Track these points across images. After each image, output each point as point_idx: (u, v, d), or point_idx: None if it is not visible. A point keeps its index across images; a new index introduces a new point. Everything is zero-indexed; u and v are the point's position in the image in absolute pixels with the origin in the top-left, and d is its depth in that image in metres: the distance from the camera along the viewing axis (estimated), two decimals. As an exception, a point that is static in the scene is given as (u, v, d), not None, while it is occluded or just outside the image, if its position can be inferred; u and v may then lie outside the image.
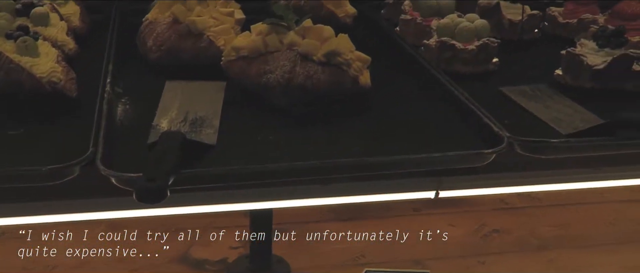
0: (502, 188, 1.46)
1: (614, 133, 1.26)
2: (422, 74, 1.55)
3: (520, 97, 1.45)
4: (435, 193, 1.32)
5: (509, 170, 1.35)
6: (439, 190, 1.32)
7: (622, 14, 1.69)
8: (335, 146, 1.24)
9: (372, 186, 1.29)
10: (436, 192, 1.32)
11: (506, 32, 1.80)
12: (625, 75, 1.48)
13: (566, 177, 1.41)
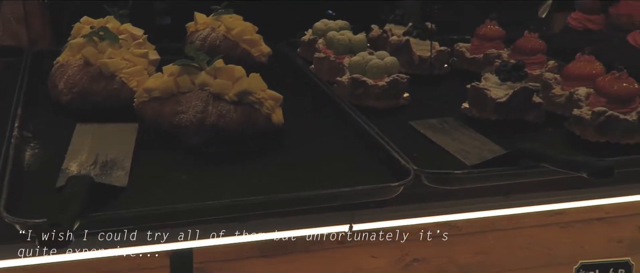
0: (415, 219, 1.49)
1: (517, 162, 1.32)
2: (335, 110, 1.59)
3: (429, 130, 1.51)
4: (349, 226, 1.35)
5: (423, 200, 1.39)
6: (353, 223, 1.34)
7: (522, 49, 1.78)
8: (250, 184, 1.26)
9: (288, 222, 1.31)
10: (350, 226, 1.35)
11: (417, 68, 1.87)
12: (526, 106, 1.56)
13: (480, 205, 1.46)
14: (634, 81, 1.46)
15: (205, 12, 1.87)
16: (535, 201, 1.51)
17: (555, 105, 1.62)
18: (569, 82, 1.61)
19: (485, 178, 1.29)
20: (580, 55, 1.61)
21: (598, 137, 1.45)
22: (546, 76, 1.67)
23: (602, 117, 1.43)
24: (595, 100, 1.48)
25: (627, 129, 1.43)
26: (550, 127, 1.58)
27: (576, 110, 1.50)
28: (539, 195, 1.47)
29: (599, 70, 1.56)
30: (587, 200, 1.55)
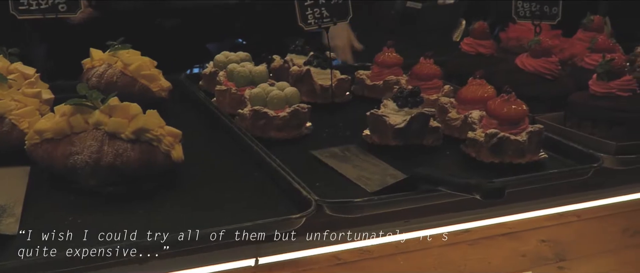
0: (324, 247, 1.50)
1: (416, 187, 1.35)
2: (237, 143, 1.58)
3: (332, 159, 1.52)
4: (255, 260, 1.34)
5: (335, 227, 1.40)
6: (258, 257, 1.33)
7: (419, 74, 1.83)
8: (150, 224, 1.22)
9: (191, 260, 1.28)
10: (256, 259, 1.34)
11: (319, 97, 1.89)
12: (424, 131, 1.60)
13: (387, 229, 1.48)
14: (522, 103, 1.53)
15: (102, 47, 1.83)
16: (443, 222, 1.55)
17: (452, 129, 1.67)
18: (463, 106, 1.66)
19: (386, 205, 1.31)
20: (472, 79, 1.67)
21: (492, 157, 1.51)
22: (442, 101, 1.72)
23: (495, 138, 1.49)
24: (488, 122, 1.54)
25: (518, 149, 1.49)
26: (448, 150, 1.63)
27: (471, 132, 1.55)
28: (439, 218, 1.52)
29: (490, 93, 1.63)
30: (492, 218, 1.61)
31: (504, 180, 1.31)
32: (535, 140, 1.51)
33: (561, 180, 1.46)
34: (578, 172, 1.48)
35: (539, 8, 1.90)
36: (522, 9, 1.90)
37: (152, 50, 1.86)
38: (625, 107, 1.57)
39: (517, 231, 2.56)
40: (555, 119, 1.70)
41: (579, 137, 1.60)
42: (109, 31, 1.88)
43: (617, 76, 1.59)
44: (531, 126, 1.52)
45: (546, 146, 1.60)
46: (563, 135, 1.63)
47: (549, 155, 1.58)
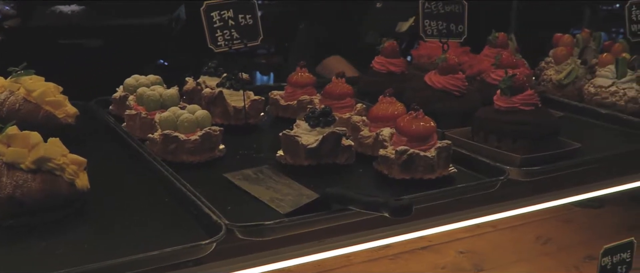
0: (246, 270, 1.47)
1: (328, 207, 1.36)
2: (147, 169, 1.55)
3: (244, 181, 1.51)
4: (167, 289, 1.30)
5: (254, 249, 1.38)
6: (170, 285, 1.30)
7: (332, 94, 1.85)
8: (53, 257, 1.18)
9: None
10: (167, 288, 1.30)
11: (232, 119, 1.87)
12: (336, 150, 1.61)
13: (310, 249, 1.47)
14: (429, 120, 1.57)
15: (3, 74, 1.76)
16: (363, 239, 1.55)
17: (365, 147, 1.69)
18: (375, 124, 1.69)
19: (297, 226, 1.31)
20: (383, 97, 1.70)
21: (403, 174, 1.53)
22: (354, 119, 1.74)
23: (405, 155, 1.51)
24: (398, 139, 1.57)
25: (427, 164, 1.52)
26: (361, 168, 1.65)
27: (382, 150, 1.57)
28: (368, 232, 1.52)
29: (400, 110, 1.66)
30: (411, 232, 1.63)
31: (410, 197, 1.33)
32: (443, 155, 1.54)
33: (469, 194, 1.49)
34: (486, 185, 1.52)
35: (446, 26, 1.96)
36: (429, 27, 1.95)
37: (58, 75, 1.81)
38: (528, 120, 1.63)
39: (436, 244, 2.61)
40: (464, 133, 1.75)
41: (486, 151, 1.65)
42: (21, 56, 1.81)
43: (519, 91, 1.65)
44: (440, 142, 1.56)
45: (456, 160, 1.64)
46: (471, 150, 1.67)
47: (458, 169, 1.62)
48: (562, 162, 1.61)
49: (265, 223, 1.27)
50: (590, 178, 1.75)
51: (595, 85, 2.15)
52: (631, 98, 2.10)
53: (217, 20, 1.73)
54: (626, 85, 2.11)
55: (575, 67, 2.25)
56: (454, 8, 1.97)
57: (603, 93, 2.12)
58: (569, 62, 2.27)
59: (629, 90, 2.11)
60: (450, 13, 1.96)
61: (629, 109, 2.10)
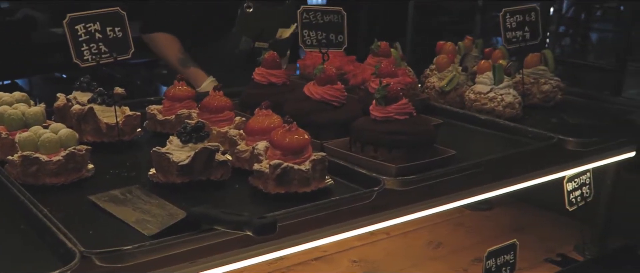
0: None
1: (197, 226, 1.30)
2: (5, 194, 1.45)
3: (110, 203, 1.44)
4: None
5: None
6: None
7: (209, 107, 1.80)
8: None
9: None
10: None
11: (105, 136, 1.79)
12: (210, 166, 1.56)
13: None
14: (304, 132, 1.54)
15: None
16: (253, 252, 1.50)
17: (242, 161, 1.65)
18: (252, 137, 1.65)
19: (160, 249, 1.25)
20: (259, 110, 1.66)
21: (278, 188, 1.50)
22: (231, 133, 1.70)
23: (278, 169, 1.48)
24: (273, 153, 1.54)
25: (302, 178, 1.50)
26: (237, 184, 1.60)
27: (256, 164, 1.53)
28: (253, 247, 1.48)
29: (276, 123, 1.62)
30: (304, 243, 1.59)
31: (275, 214, 1.30)
32: (319, 167, 1.52)
33: (344, 206, 1.47)
34: (361, 196, 1.51)
35: (325, 36, 1.94)
36: (309, 37, 1.93)
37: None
38: (402, 130, 1.63)
39: (330, 254, 2.60)
40: (342, 144, 1.73)
41: (363, 162, 1.64)
42: None
43: (393, 101, 1.65)
44: (315, 154, 1.53)
45: (334, 172, 1.62)
46: (348, 161, 1.66)
47: (337, 181, 1.60)
48: (437, 170, 1.62)
49: (124, 249, 1.20)
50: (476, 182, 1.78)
51: (474, 92, 2.20)
52: (508, 103, 2.16)
53: (83, 33, 1.65)
54: (503, 91, 2.17)
55: (456, 74, 2.30)
56: (333, 18, 1.96)
57: (482, 99, 2.17)
58: (451, 69, 2.32)
59: (506, 95, 2.16)
60: (330, 23, 1.95)
61: (506, 113, 2.15)
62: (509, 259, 2.17)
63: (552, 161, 1.99)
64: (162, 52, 2.78)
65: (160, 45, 2.79)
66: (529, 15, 2.20)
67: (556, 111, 2.33)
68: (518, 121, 2.15)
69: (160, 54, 2.80)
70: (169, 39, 2.77)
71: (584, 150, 1.98)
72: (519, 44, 2.21)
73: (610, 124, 2.28)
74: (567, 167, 2.04)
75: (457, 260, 2.52)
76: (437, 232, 2.77)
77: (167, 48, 2.76)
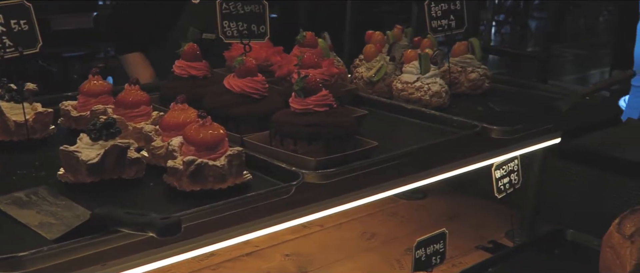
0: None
1: (104, 228, 1.25)
2: None
3: (12, 206, 1.36)
4: None
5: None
6: None
7: (125, 102, 1.73)
8: None
9: None
10: None
11: (15, 134, 1.70)
12: (122, 164, 1.50)
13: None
14: (219, 127, 1.49)
15: None
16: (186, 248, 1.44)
17: (158, 158, 1.59)
18: (167, 133, 1.59)
19: (62, 254, 1.19)
20: (174, 104, 1.61)
21: (193, 186, 1.45)
22: (146, 129, 1.63)
23: (192, 165, 1.43)
24: (187, 149, 1.49)
25: (218, 174, 1.45)
26: (152, 181, 1.55)
27: (170, 161, 1.48)
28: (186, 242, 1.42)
29: (192, 117, 1.57)
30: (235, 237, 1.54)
31: (179, 215, 1.25)
32: (236, 163, 1.48)
33: (259, 203, 1.44)
34: (279, 191, 1.48)
35: (247, 27, 1.90)
36: (229, 28, 1.88)
37: None
38: (322, 122, 1.60)
39: (262, 248, 2.56)
40: (263, 138, 1.69)
41: (283, 155, 1.61)
42: None
43: (313, 92, 1.62)
44: (231, 149, 1.49)
45: (254, 166, 1.58)
46: (268, 154, 1.62)
47: (257, 176, 1.56)
48: (357, 162, 1.60)
49: (20, 255, 1.14)
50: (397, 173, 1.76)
51: (401, 81, 2.19)
52: (435, 92, 2.15)
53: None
54: (430, 80, 2.16)
55: (384, 64, 2.28)
56: (254, 8, 1.91)
57: (409, 89, 2.16)
58: (378, 59, 2.30)
59: (433, 84, 2.16)
60: (251, 13, 1.91)
61: (433, 103, 2.15)
62: (438, 248, 2.17)
63: (477, 149, 1.99)
64: (135, 74, 2.77)
65: (131, 66, 2.88)
66: (453, 4, 2.20)
67: (483, 99, 2.34)
68: (445, 110, 2.15)
69: (134, 74, 2.79)
70: (140, 61, 2.87)
71: (508, 138, 1.99)
72: (445, 32, 2.20)
73: (536, 111, 2.30)
74: (492, 155, 2.05)
75: (391, 251, 2.51)
76: (371, 222, 2.76)
77: (139, 74, 2.79)
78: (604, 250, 2.25)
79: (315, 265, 2.43)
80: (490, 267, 2.35)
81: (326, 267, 2.42)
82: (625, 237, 2.11)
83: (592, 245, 2.42)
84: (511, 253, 2.44)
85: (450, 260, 2.40)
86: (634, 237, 2.09)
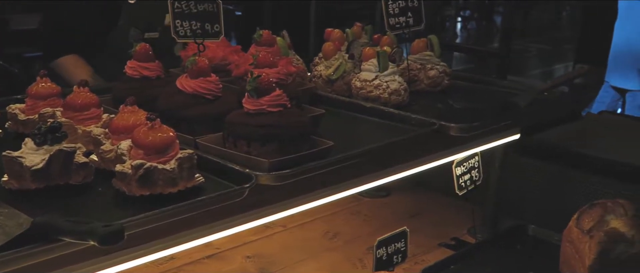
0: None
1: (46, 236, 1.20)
2: None
3: (-49, 216, 1.31)
4: None
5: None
6: None
7: (73, 105, 1.68)
8: None
9: None
10: None
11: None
12: (68, 169, 1.45)
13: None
14: (169, 129, 1.46)
15: None
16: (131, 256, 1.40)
17: (108, 162, 1.55)
18: (117, 136, 1.55)
19: (3, 264, 1.14)
20: (124, 106, 1.57)
21: (142, 190, 1.41)
22: (94, 132, 1.59)
23: (141, 170, 1.39)
24: (136, 153, 1.44)
25: (168, 178, 1.41)
26: (101, 186, 1.50)
27: (119, 165, 1.44)
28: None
29: (142, 120, 1.53)
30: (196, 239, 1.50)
31: (125, 221, 1.21)
32: (186, 166, 1.44)
33: (211, 206, 1.40)
34: (231, 194, 1.44)
35: (200, 26, 1.86)
36: (181, 28, 1.83)
37: None
38: (275, 123, 1.57)
39: (223, 251, 2.52)
40: (216, 140, 1.66)
41: (237, 157, 1.57)
42: None
43: (266, 92, 1.59)
44: (181, 152, 1.45)
45: (207, 169, 1.55)
46: (222, 157, 1.58)
47: (211, 179, 1.53)
48: (312, 163, 1.57)
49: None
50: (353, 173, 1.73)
51: (360, 79, 2.17)
52: (394, 90, 2.13)
53: None
54: (389, 78, 2.14)
55: (343, 62, 2.26)
56: (207, 7, 1.87)
57: (368, 87, 2.14)
58: (337, 57, 2.27)
59: (392, 82, 2.14)
60: (204, 12, 1.87)
61: (392, 101, 2.13)
62: (400, 247, 2.16)
63: (436, 147, 1.98)
64: (75, 76, 2.68)
65: (69, 68, 2.76)
66: (411, 2, 2.18)
67: (443, 96, 2.33)
68: (404, 108, 2.14)
69: (73, 77, 2.69)
70: (74, 62, 2.76)
71: (467, 135, 1.99)
72: (402, 29, 2.19)
73: (495, 107, 2.30)
74: (452, 152, 2.04)
75: (353, 250, 2.49)
76: (334, 221, 2.74)
77: (79, 75, 2.66)
78: (564, 245, 2.26)
79: (277, 266, 2.40)
80: (452, 264, 2.35)
81: (288, 268, 2.39)
82: (584, 231, 2.12)
83: (553, 240, 2.43)
84: (473, 250, 2.45)
85: (413, 258, 2.39)
86: (593, 232, 2.10)
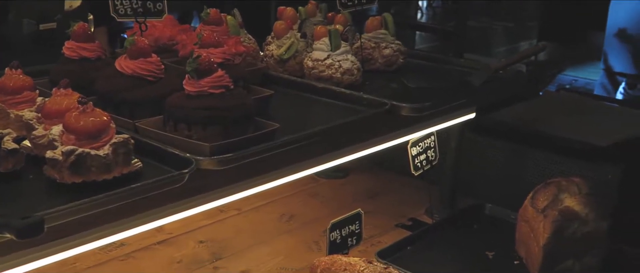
0: None
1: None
2: None
3: None
4: None
5: None
6: None
7: (5, 88, 1.59)
8: None
9: None
10: None
11: None
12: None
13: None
14: (102, 113, 1.39)
15: None
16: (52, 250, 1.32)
17: (41, 148, 1.47)
18: (49, 121, 1.47)
19: None
20: (56, 89, 1.49)
21: (74, 178, 1.34)
22: (26, 116, 1.51)
23: (72, 156, 1.32)
24: (67, 138, 1.37)
25: (102, 164, 1.35)
26: (32, 174, 1.43)
27: (49, 151, 1.37)
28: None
29: (75, 104, 1.45)
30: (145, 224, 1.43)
31: (46, 212, 1.14)
32: (122, 151, 1.38)
33: (147, 194, 1.34)
34: (170, 180, 1.38)
35: (142, 5, 1.78)
36: (121, 6, 1.75)
37: None
38: (217, 105, 1.51)
39: (175, 236, 2.46)
40: (156, 123, 1.59)
41: (178, 141, 1.51)
42: None
43: (207, 74, 1.52)
44: (116, 137, 1.38)
45: (146, 153, 1.48)
46: (162, 141, 1.52)
47: (150, 164, 1.47)
48: (256, 146, 1.52)
49: None
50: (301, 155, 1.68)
51: (312, 59, 2.11)
52: (346, 70, 2.08)
53: None
54: (341, 57, 2.09)
55: (295, 41, 2.20)
56: (149, -16, 1.79)
57: (320, 66, 2.08)
58: (289, 36, 2.21)
59: (344, 62, 2.09)
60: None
61: (345, 80, 2.08)
62: (354, 229, 2.12)
63: (389, 127, 1.93)
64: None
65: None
66: (363, -22, 2.13)
67: (398, 75, 2.29)
68: (358, 87, 2.09)
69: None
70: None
71: (419, 115, 1.95)
72: (355, 7, 2.13)
73: (450, 86, 2.27)
74: (406, 132, 2.00)
75: (309, 232, 2.45)
76: (290, 204, 2.69)
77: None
78: (520, 224, 2.25)
79: (229, 251, 2.35)
80: (408, 245, 2.33)
81: (241, 252, 2.34)
82: (539, 211, 2.11)
83: (510, 219, 2.42)
84: (430, 230, 2.42)
85: (369, 239, 2.36)
86: (547, 211, 2.09)
